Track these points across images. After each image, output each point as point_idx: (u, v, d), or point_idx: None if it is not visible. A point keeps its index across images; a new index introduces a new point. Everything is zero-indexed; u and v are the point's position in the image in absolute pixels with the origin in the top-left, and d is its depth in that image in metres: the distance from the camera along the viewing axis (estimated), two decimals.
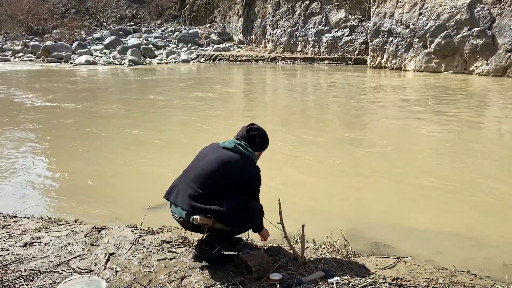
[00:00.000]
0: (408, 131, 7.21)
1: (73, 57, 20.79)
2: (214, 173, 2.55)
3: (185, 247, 2.91)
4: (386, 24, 16.40)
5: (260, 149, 2.78)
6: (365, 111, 8.99)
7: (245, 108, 9.98)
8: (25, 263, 2.64)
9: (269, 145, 2.84)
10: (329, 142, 6.42)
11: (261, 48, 22.72)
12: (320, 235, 3.13)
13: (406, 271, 2.53)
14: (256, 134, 2.73)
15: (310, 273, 2.47)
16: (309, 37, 19.92)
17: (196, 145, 3.42)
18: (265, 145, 2.80)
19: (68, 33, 24.99)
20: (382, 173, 5.03)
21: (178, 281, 2.47)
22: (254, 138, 2.72)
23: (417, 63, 15.53)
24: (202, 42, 24.62)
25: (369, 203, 4.23)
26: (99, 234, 3.07)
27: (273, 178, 4.95)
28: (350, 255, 2.73)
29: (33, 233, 3.07)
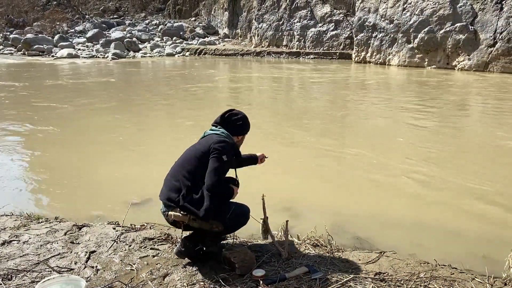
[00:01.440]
0: (390, 126, 7.26)
1: (55, 50, 20.39)
2: (186, 158, 2.58)
3: (168, 244, 2.88)
4: (371, 19, 16.49)
5: (241, 132, 2.75)
6: (348, 106, 9.03)
7: (228, 101, 9.93)
8: (3, 262, 2.57)
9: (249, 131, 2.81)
10: (311, 138, 6.43)
11: (247, 42, 22.63)
12: (303, 231, 3.13)
13: (388, 265, 2.55)
14: (237, 118, 2.69)
15: (293, 268, 2.47)
16: (295, 32, 19.92)
17: (177, 140, 3.38)
18: (247, 129, 2.77)
19: (49, 25, 24.49)
20: (364, 168, 5.06)
21: (160, 278, 2.45)
22: (236, 122, 2.69)
23: (401, 58, 15.67)
24: (187, 35, 24.40)
25: (352, 198, 4.26)
26: (80, 231, 3.01)
27: (256, 174, 4.94)
28: (333, 250, 2.73)
29: (11, 231, 2.99)
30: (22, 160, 5.48)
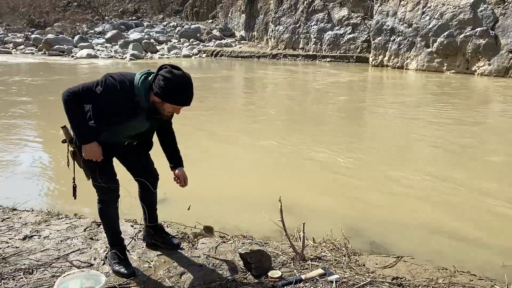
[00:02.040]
0: (409, 130, 7.19)
1: (75, 51, 20.75)
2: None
3: (184, 243, 2.91)
4: (389, 22, 16.37)
5: (159, 95, 2.13)
6: (365, 109, 8.97)
7: (245, 102, 9.96)
8: (24, 256, 2.63)
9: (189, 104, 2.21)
10: (327, 141, 6.41)
11: (263, 44, 22.68)
12: (319, 234, 3.12)
13: (406, 270, 2.52)
14: (164, 77, 2.10)
15: (309, 270, 2.47)
16: (311, 34, 19.88)
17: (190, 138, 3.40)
18: (168, 96, 2.12)
19: (70, 26, 24.95)
20: (381, 172, 5.03)
21: (177, 276, 2.47)
22: (160, 79, 2.11)
23: (419, 62, 15.50)
24: (204, 37, 24.57)
25: (368, 202, 4.23)
26: (99, 228, 3.06)
27: (273, 176, 4.95)
28: (350, 254, 2.72)
29: (32, 226, 3.06)
30: (43, 157, 5.59)
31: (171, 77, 2.10)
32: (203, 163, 5.43)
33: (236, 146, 6.19)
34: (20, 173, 4.94)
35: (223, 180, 4.88)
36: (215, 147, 6.09)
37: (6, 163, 5.33)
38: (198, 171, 5.16)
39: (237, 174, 5.04)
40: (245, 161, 5.49)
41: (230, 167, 5.30)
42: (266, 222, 3.46)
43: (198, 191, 4.48)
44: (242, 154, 5.79)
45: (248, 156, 5.66)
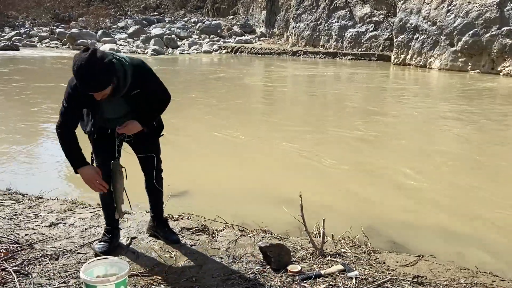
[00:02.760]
0: (429, 129, 7.09)
1: (98, 45, 21.07)
2: None
3: (205, 235, 2.94)
4: (413, 20, 16.10)
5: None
6: (386, 108, 8.87)
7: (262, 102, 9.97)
8: (50, 242, 2.71)
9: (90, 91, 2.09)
10: (346, 138, 6.37)
11: (283, 41, 22.61)
12: (338, 231, 3.12)
13: (427, 269, 2.50)
14: (75, 60, 2.03)
15: (329, 266, 2.47)
16: (333, 32, 19.71)
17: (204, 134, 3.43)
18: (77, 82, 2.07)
19: (93, 21, 25.36)
20: (400, 170, 4.98)
21: (197, 267, 2.51)
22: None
23: (443, 61, 15.21)
24: (225, 33, 24.63)
25: (388, 201, 4.20)
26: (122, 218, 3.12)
27: (294, 174, 4.95)
28: (369, 251, 2.71)
29: (58, 214, 3.14)
30: None
31: (73, 62, 2.04)
32: (223, 157, 5.48)
33: (257, 142, 6.21)
34: (46, 162, 5.07)
35: (243, 174, 4.92)
36: (236, 142, 6.12)
37: (32, 152, 5.48)
38: (217, 165, 5.21)
39: (256, 170, 5.06)
40: (265, 157, 5.50)
41: (250, 162, 5.33)
42: (284, 217, 3.48)
43: (217, 185, 4.53)
44: (262, 150, 5.81)
45: (268, 153, 5.67)
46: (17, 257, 2.47)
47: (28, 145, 5.80)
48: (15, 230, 2.85)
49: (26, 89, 10.01)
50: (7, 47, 19.49)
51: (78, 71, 2.01)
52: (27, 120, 7.11)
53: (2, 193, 3.57)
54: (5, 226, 2.89)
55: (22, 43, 21.36)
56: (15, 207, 3.25)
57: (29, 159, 5.25)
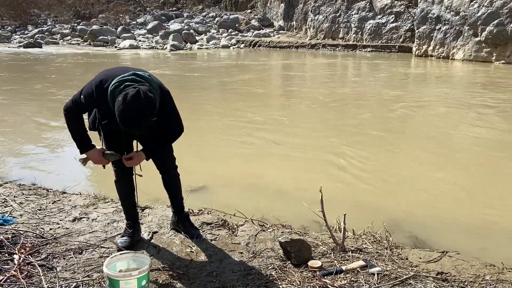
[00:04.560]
0: (453, 123, 6.93)
1: (118, 41, 21.33)
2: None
3: (224, 230, 2.95)
4: (435, 10, 15.73)
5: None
6: (408, 100, 8.70)
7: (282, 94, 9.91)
8: (74, 237, 2.76)
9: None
10: (367, 133, 6.27)
11: (302, 34, 22.41)
12: (358, 226, 3.08)
13: (451, 265, 2.45)
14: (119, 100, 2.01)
15: (350, 262, 2.45)
16: (352, 24, 19.43)
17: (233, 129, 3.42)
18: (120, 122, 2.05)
19: (113, 17, 25.64)
20: (422, 164, 4.88)
21: (218, 262, 2.52)
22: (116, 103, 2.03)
23: (466, 52, 14.83)
24: (243, 28, 24.57)
25: (409, 196, 4.13)
26: (143, 212, 3.16)
27: (313, 168, 4.92)
28: (391, 247, 2.67)
29: (81, 209, 3.20)
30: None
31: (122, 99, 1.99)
32: (243, 151, 5.48)
33: (277, 137, 6.18)
34: (69, 157, 5.17)
35: (261, 169, 4.91)
36: (255, 136, 6.11)
37: (56, 147, 5.60)
38: (236, 159, 5.22)
39: (275, 164, 5.05)
40: (284, 151, 5.48)
41: (268, 157, 5.32)
42: (304, 212, 3.46)
43: (236, 179, 4.54)
44: (281, 145, 5.78)
45: (287, 147, 5.64)
46: (42, 251, 2.53)
47: (52, 140, 5.93)
48: (40, 224, 2.92)
49: (53, 86, 10.22)
50: (31, 44, 19.91)
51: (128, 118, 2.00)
52: (52, 116, 7.26)
53: (27, 188, 3.66)
54: (31, 221, 2.96)
55: (44, 40, 21.78)
56: (40, 201, 3.33)
57: (52, 154, 5.37)
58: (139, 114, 2.00)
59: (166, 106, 2.29)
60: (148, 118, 2.05)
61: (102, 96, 2.15)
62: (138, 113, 2.00)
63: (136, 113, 1.99)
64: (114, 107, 2.04)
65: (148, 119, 2.06)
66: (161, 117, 2.25)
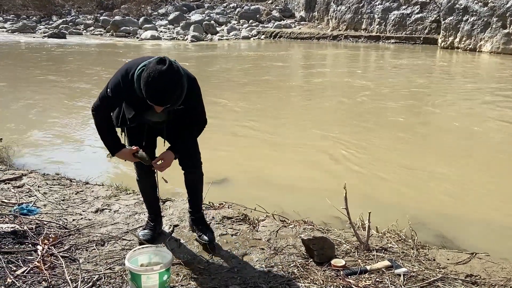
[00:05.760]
0: (480, 118, 6.71)
1: (139, 32, 21.46)
2: None
3: (245, 225, 2.92)
4: (462, 1, 15.24)
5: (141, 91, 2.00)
6: (433, 94, 8.48)
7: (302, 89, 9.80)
8: (96, 228, 2.78)
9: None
10: (390, 129, 6.13)
11: (323, 25, 22.08)
12: (381, 224, 3.01)
13: (480, 268, 2.36)
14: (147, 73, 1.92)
15: (375, 262, 2.38)
16: (375, 14, 19.02)
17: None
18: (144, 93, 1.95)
19: (135, 8, 25.79)
20: (447, 160, 4.74)
21: (239, 257, 2.49)
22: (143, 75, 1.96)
23: (494, 44, 14.34)
24: (263, 18, 24.37)
25: (436, 195, 4.01)
26: (164, 205, 3.15)
27: (335, 164, 4.84)
28: (418, 247, 2.58)
29: (103, 200, 3.22)
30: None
31: (147, 71, 1.92)
32: (265, 146, 5.43)
33: (299, 131, 6.11)
34: (92, 148, 5.23)
35: (282, 163, 4.86)
36: (277, 131, 6.05)
37: (79, 137, 5.66)
38: (257, 153, 5.18)
39: (296, 159, 4.98)
40: (305, 146, 5.41)
41: (290, 151, 5.26)
42: (325, 209, 3.39)
43: (257, 173, 4.50)
44: (303, 140, 5.70)
45: (309, 143, 5.56)
46: (65, 242, 2.55)
47: (76, 131, 6.00)
48: (63, 215, 2.94)
49: (77, 76, 10.36)
50: (55, 35, 20.21)
51: (153, 84, 1.88)
52: (76, 107, 7.36)
53: (51, 178, 3.70)
54: (54, 211, 2.99)
55: (68, 31, 22.08)
56: (64, 192, 3.36)
57: (76, 144, 5.43)
58: (167, 82, 1.88)
59: (194, 93, 2.20)
60: (176, 89, 1.92)
61: (129, 85, 2.08)
62: (166, 81, 1.88)
63: (161, 78, 1.87)
64: (140, 90, 1.96)
65: (177, 89, 1.93)
66: (188, 104, 2.15)
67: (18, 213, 2.86)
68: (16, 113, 6.89)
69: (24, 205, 3.02)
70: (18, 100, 7.74)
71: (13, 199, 3.15)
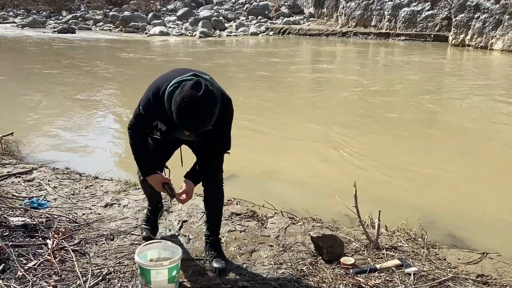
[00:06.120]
0: (490, 116, 6.63)
1: (148, 28, 21.49)
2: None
3: (254, 221, 2.92)
4: None
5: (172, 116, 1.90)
6: (442, 92, 8.40)
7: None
8: (106, 223, 2.79)
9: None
10: (399, 127, 6.08)
11: (333, 22, 21.94)
12: (391, 223, 2.98)
13: (492, 268, 2.33)
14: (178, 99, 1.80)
15: (384, 260, 2.37)
16: (385, 11, 18.85)
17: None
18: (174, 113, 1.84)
19: (144, 4, 25.81)
20: (457, 159, 4.69)
21: (248, 254, 2.49)
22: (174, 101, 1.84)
23: (506, 42, 14.15)
24: (272, 15, 24.28)
25: (443, 191, 3.97)
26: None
27: (344, 162, 4.81)
28: (428, 246, 2.56)
29: (113, 195, 3.23)
30: (123, 129, 5.89)
31: (180, 95, 1.79)
32: (274, 143, 5.42)
33: (308, 128, 6.09)
34: (103, 144, 5.25)
35: (291, 160, 4.84)
36: (286, 128, 6.04)
37: (89, 133, 5.69)
38: (265, 149, 5.16)
39: (304, 156, 4.97)
40: (314, 144, 5.38)
41: (298, 148, 5.24)
42: (333, 206, 3.38)
43: (267, 171, 4.49)
44: (312, 137, 5.68)
45: (318, 140, 5.53)
46: (75, 236, 2.56)
47: (85, 126, 6.03)
48: (73, 209, 2.96)
49: (86, 71, 10.42)
50: (65, 30, 20.32)
51: (186, 111, 1.78)
52: (85, 102, 7.40)
53: (61, 172, 3.72)
54: (64, 205, 3.01)
55: (78, 26, 22.18)
56: (73, 186, 3.38)
57: (86, 139, 5.46)
58: (199, 107, 1.76)
59: (226, 116, 2.03)
60: (209, 115, 1.82)
61: (160, 103, 1.95)
62: (198, 106, 1.76)
63: (195, 105, 1.76)
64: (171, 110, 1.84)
65: (209, 117, 1.82)
66: (217, 127, 1.99)
67: (29, 206, 2.88)
68: (24, 107, 6.94)
69: (34, 198, 3.04)
70: (27, 94, 7.80)
71: (24, 193, 3.18)
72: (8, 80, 9.24)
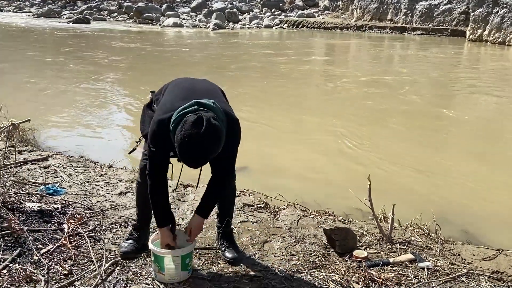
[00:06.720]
0: (506, 113, 6.51)
1: (162, 19, 21.52)
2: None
3: (266, 213, 2.92)
4: None
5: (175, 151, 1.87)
6: (458, 88, 8.27)
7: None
8: (120, 210, 2.82)
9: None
10: (414, 122, 6.01)
11: (348, 15, 21.71)
12: (404, 217, 2.96)
13: (507, 265, 2.30)
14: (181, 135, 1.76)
15: (398, 254, 2.35)
16: (402, 5, 18.58)
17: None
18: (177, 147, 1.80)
19: None
20: (472, 155, 4.63)
21: (260, 245, 2.49)
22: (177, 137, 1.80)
23: None
24: (286, 7, 24.10)
25: (459, 188, 3.93)
26: (186, 190, 3.18)
27: (357, 156, 4.78)
28: (442, 241, 2.54)
29: (127, 183, 3.26)
30: (136, 119, 5.93)
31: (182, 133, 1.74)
32: (286, 135, 5.41)
33: (321, 122, 6.06)
34: (117, 133, 5.30)
35: (303, 153, 4.83)
36: (299, 121, 6.01)
37: (101, 122, 5.75)
38: (278, 142, 5.16)
39: (317, 149, 4.95)
40: (327, 137, 5.36)
41: (311, 141, 5.22)
42: (346, 199, 3.37)
43: (279, 164, 4.49)
44: (325, 130, 5.65)
45: (331, 134, 5.50)
46: (90, 223, 2.60)
47: (99, 114, 6.09)
48: (88, 196, 2.99)
49: (100, 61, 10.50)
50: (79, 20, 20.47)
51: (188, 149, 1.74)
52: (103, 92, 7.46)
53: (76, 160, 3.76)
54: (79, 192, 3.05)
55: (92, 16, 22.32)
56: (88, 174, 3.42)
57: (99, 128, 5.51)
58: (201, 145, 1.72)
59: (231, 140, 1.94)
60: (213, 151, 1.78)
61: (167, 133, 1.87)
62: (200, 144, 1.72)
63: (197, 143, 1.71)
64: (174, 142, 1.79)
65: (213, 152, 1.79)
66: (223, 153, 1.90)
67: (45, 192, 2.92)
68: (39, 95, 7.02)
69: (50, 185, 3.08)
70: (42, 82, 7.90)
71: (40, 179, 3.23)
72: (23, 67, 9.36)
